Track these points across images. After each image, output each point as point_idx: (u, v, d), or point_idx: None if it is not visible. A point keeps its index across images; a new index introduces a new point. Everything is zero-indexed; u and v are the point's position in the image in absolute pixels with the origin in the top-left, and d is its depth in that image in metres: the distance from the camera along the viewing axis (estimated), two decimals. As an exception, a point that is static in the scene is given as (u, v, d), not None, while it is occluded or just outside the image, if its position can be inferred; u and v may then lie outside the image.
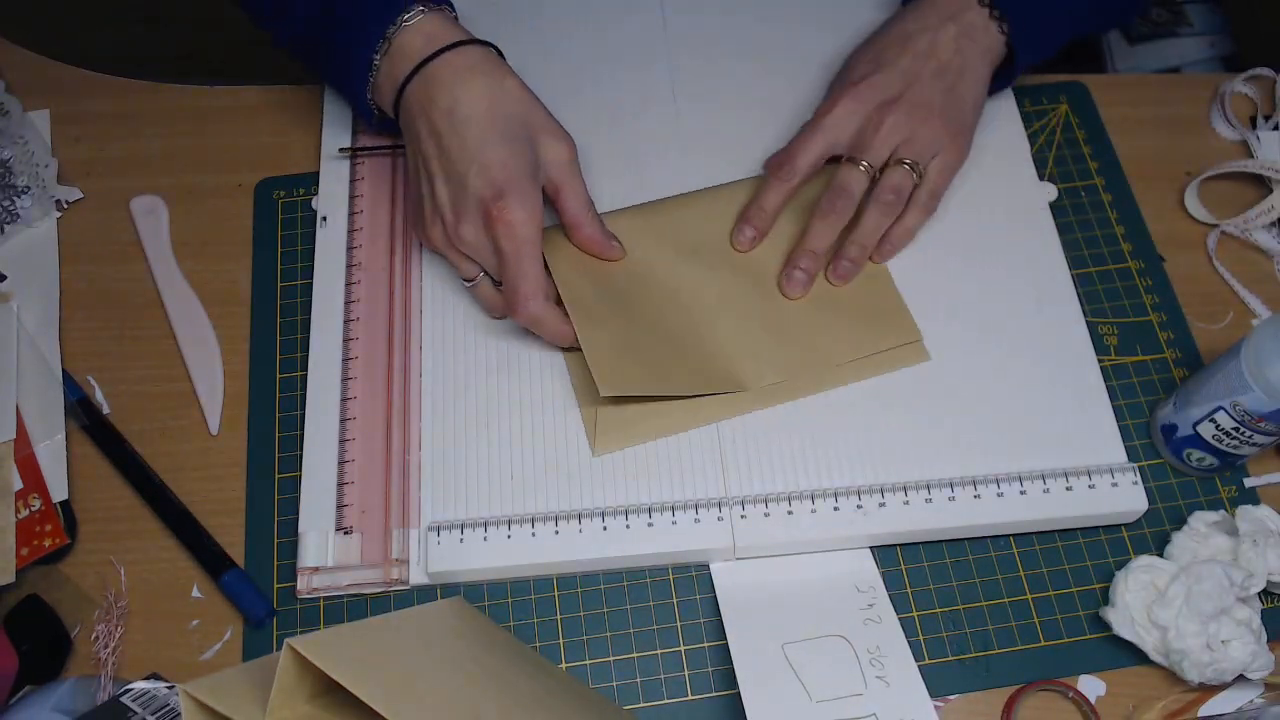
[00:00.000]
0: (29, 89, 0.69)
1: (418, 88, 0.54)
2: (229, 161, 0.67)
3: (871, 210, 0.57)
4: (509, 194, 0.52)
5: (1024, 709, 0.52)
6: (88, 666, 0.53)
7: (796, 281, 0.58)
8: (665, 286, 0.58)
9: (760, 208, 0.59)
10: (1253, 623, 0.50)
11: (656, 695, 0.52)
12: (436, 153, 0.54)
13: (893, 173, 0.57)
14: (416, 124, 0.55)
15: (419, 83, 0.54)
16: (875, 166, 0.57)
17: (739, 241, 0.60)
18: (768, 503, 0.53)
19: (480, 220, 0.53)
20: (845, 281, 0.59)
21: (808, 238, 0.58)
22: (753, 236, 0.59)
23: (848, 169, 0.57)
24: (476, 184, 0.53)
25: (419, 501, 0.55)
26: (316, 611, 0.54)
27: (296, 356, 0.60)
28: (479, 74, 0.54)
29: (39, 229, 0.65)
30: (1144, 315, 0.61)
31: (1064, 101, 0.68)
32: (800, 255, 0.58)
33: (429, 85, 0.54)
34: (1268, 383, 0.49)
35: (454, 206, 0.54)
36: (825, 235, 0.58)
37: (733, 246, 0.60)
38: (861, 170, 0.57)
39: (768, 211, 0.59)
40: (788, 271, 0.58)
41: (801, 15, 0.69)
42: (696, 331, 0.57)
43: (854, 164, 0.57)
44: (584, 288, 0.58)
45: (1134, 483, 0.54)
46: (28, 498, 0.56)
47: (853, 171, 0.57)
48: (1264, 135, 0.66)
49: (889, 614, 0.52)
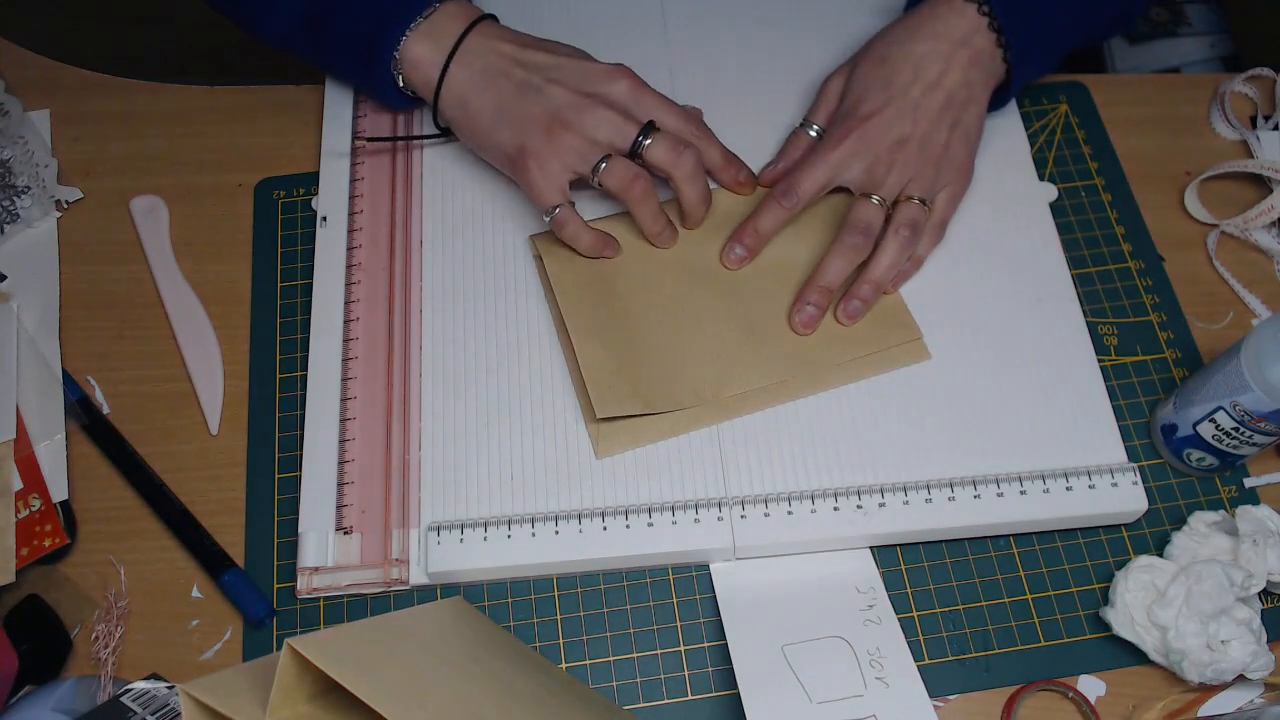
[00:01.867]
0: (29, 89, 0.69)
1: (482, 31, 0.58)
2: (229, 161, 0.67)
3: (889, 246, 0.57)
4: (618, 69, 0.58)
5: (1024, 709, 0.52)
6: (88, 666, 0.53)
7: (808, 317, 0.57)
8: (661, 293, 0.59)
9: (755, 230, 0.58)
10: (1253, 623, 0.50)
11: (656, 695, 0.52)
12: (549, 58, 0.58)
13: (906, 209, 0.57)
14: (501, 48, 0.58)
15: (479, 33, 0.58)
16: (888, 202, 0.57)
17: (729, 260, 0.59)
18: (768, 503, 0.53)
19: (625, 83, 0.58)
20: (855, 321, 0.58)
21: (822, 272, 0.57)
22: (743, 256, 0.59)
23: (863, 204, 0.57)
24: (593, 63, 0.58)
25: (419, 501, 0.55)
26: (316, 611, 0.54)
27: (296, 356, 0.60)
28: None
29: (39, 229, 0.65)
30: (1144, 315, 0.61)
31: (1064, 101, 0.68)
32: (811, 290, 0.57)
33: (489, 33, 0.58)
34: (1267, 383, 0.49)
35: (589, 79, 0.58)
36: (841, 270, 0.57)
37: (722, 264, 0.59)
38: (876, 204, 0.57)
39: (763, 234, 0.58)
40: (799, 307, 0.57)
41: (801, 19, 0.69)
42: (693, 340, 0.57)
43: (868, 199, 0.57)
44: (582, 300, 0.58)
45: (1134, 483, 0.54)
46: (28, 498, 0.56)
47: (868, 207, 0.57)
48: (1264, 135, 0.66)
49: (889, 614, 0.52)
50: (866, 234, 0.56)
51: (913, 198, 0.57)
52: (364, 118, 0.66)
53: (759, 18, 0.69)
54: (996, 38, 0.57)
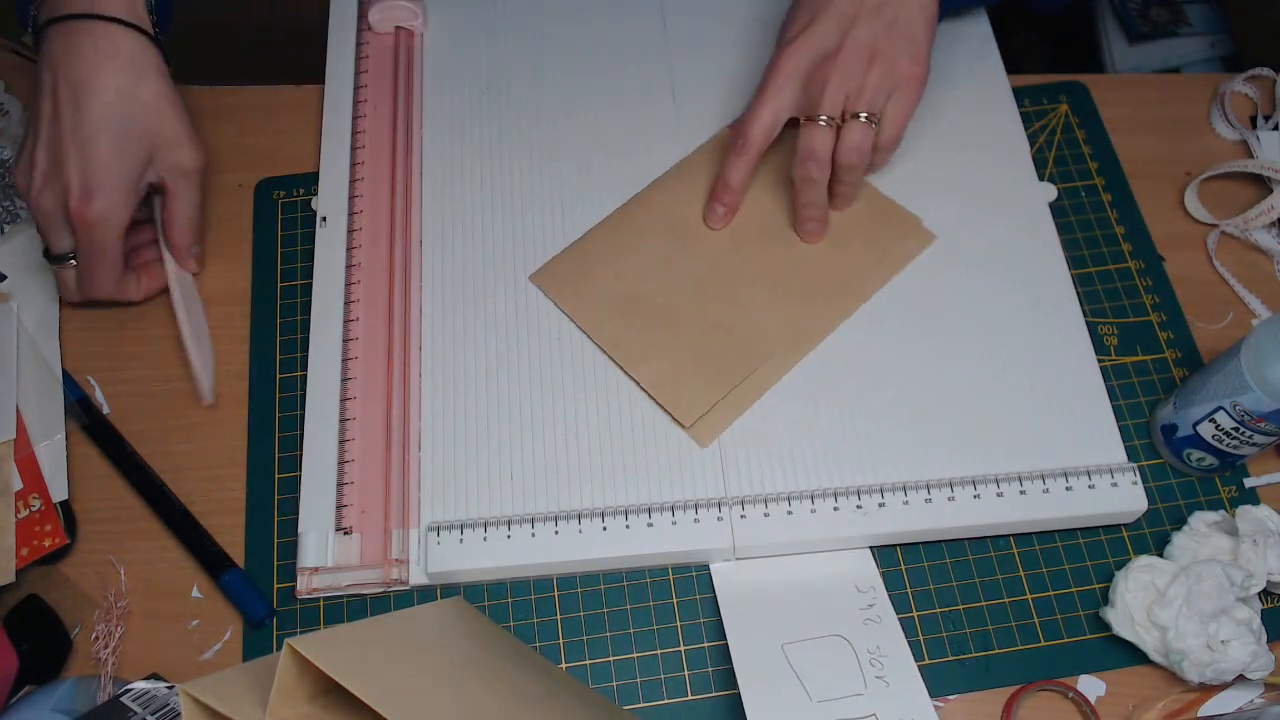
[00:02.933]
0: (29, 89, 0.69)
1: (59, 37, 0.54)
2: (229, 161, 0.67)
3: (842, 177, 0.57)
4: (96, 195, 0.54)
5: (1024, 709, 0.52)
6: (88, 666, 0.53)
7: (812, 228, 0.59)
8: (679, 281, 0.59)
9: (726, 184, 0.59)
10: (1253, 623, 0.50)
11: (656, 695, 0.52)
12: (51, 116, 0.54)
13: (849, 131, 0.56)
14: (44, 74, 0.54)
15: (62, 33, 0.54)
16: (835, 118, 0.56)
17: (711, 220, 0.60)
18: (768, 503, 0.53)
19: (61, 207, 0.54)
20: (848, 204, 0.60)
21: (799, 203, 0.58)
22: (724, 213, 0.60)
23: (809, 129, 0.56)
24: (71, 173, 0.53)
25: (419, 501, 0.55)
26: (316, 611, 0.54)
27: (296, 356, 0.60)
28: (121, 67, 0.54)
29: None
30: (1144, 315, 0.61)
31: (1064, 101, 0.68)
32: (802, 215, 0.59)
33: (70, 45, 0.53)
34: (1267, 383, 0.49)
35: (45, 175, 0.54)
36: (813, 198, 0.58)
37: (707, 225, 0.60)
38: (823, 125, 0.55)
39: (734, 186, 0.59)
40: (800, 225, 0.59)
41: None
42: (730, 309, 0.58)
43: (813, 123, 0.56)
44: (615, 326, 0.58)
45: (1134, 483, 0.54)
46: (28, 498, 0.56)
47: (813, 131, 0.56)
48: (1264, 135, 0.66)
49: (889, 614, 0.52)
50: (818, 161, 0.56)
51: (858, 115, 0.55)
52: (364, 118, 0.66)
53: (759, 17, 0.69)
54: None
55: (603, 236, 0.61)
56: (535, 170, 0.64)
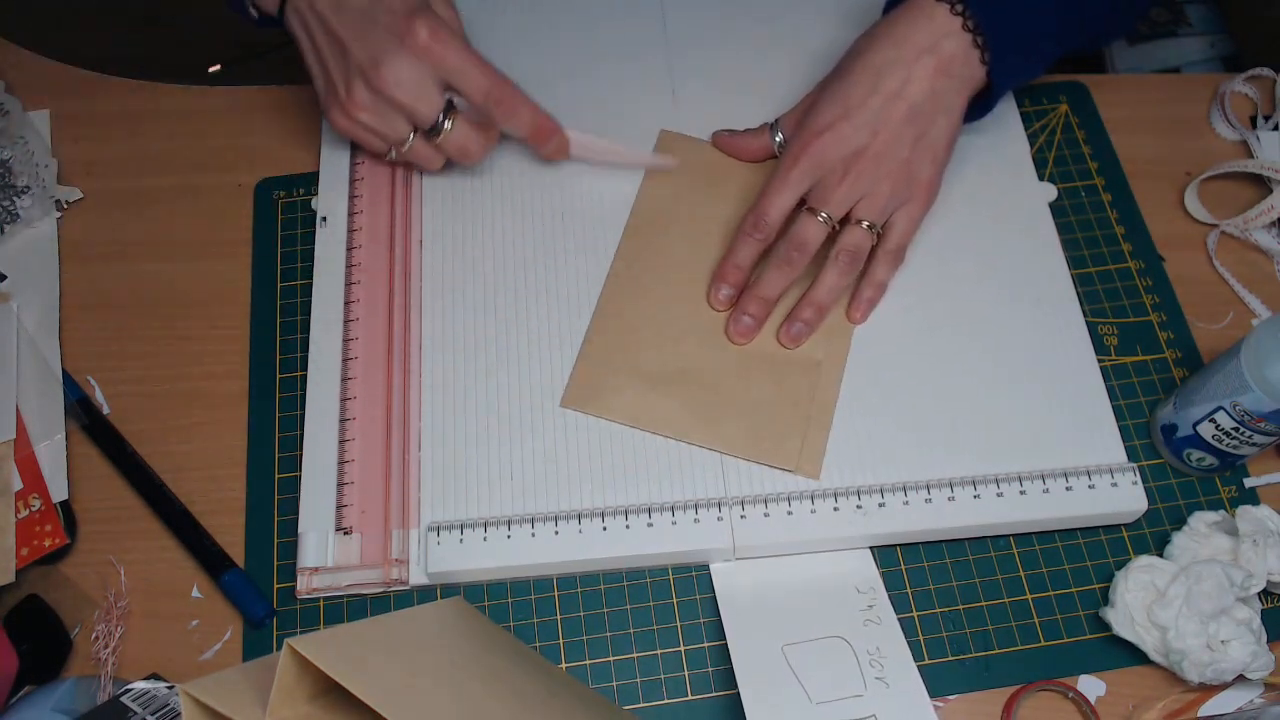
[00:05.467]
0: (29, 89, 0.69)
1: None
2: (229, 161, 0.67)
3: (829, 270, 0.56)
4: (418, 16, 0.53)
5: (1024, 709, 0.52)
6: (88, 666, 0.53)
7: (744, 327, 0.57)
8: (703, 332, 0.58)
9: (735, 265, 0.57)
10: (1253, 623, 0.50)
11: (656, 695, 0.52)
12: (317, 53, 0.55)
13: (850, 233, 0.55)
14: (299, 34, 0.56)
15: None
16: (835, 219, 0.55)
17: (716, 301, 0.58)
18: (768, 503, 0.53)
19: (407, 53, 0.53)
20: (797, 344, 0.57)
21: (759, 284, 0.56)
22: (729, 295, 0.58)
23: (806, 220, 0.55)
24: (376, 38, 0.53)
25: (419, 502, 0.55)
26: (316, 611, 0.54)
27: (296, 356, 0.60)
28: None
29: (39, 229, 0.65)
30: (1144, 315, 0.61)
31: (1064, 101, 0.68)
32: (749, 300, 0.56)
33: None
34: (1267, 383, 0.49)
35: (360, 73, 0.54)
36: (778, 284, 0.56)
37: (710, 305, 0.59)
38: (820, 221, 0.55)
39: (744, 268, 0.57)
40: (735, 316, 0.57)
41: (799, 11, 0.69)
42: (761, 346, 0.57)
43: (813, 214, 0.55)
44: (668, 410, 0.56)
45: (1134, 483, 0.54)
46: (28, 498, 0.56)
47: (810, 223, 0.55)
48: (1264, 135, 0.66)
49: (889, 615, 0.52)
50: (802, 250, 0.55)
51: (861, 221, 0.55)
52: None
53: (759, 16, 0.69)
54: (972, 39, 0.53)
55: (607, 329, 0.59)
56: (535, 170, 0.64)
